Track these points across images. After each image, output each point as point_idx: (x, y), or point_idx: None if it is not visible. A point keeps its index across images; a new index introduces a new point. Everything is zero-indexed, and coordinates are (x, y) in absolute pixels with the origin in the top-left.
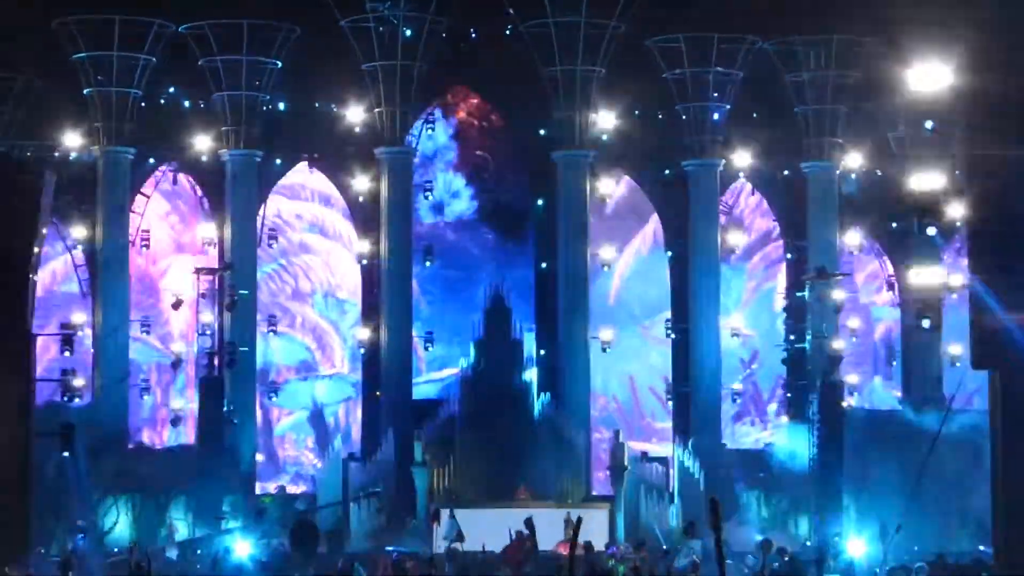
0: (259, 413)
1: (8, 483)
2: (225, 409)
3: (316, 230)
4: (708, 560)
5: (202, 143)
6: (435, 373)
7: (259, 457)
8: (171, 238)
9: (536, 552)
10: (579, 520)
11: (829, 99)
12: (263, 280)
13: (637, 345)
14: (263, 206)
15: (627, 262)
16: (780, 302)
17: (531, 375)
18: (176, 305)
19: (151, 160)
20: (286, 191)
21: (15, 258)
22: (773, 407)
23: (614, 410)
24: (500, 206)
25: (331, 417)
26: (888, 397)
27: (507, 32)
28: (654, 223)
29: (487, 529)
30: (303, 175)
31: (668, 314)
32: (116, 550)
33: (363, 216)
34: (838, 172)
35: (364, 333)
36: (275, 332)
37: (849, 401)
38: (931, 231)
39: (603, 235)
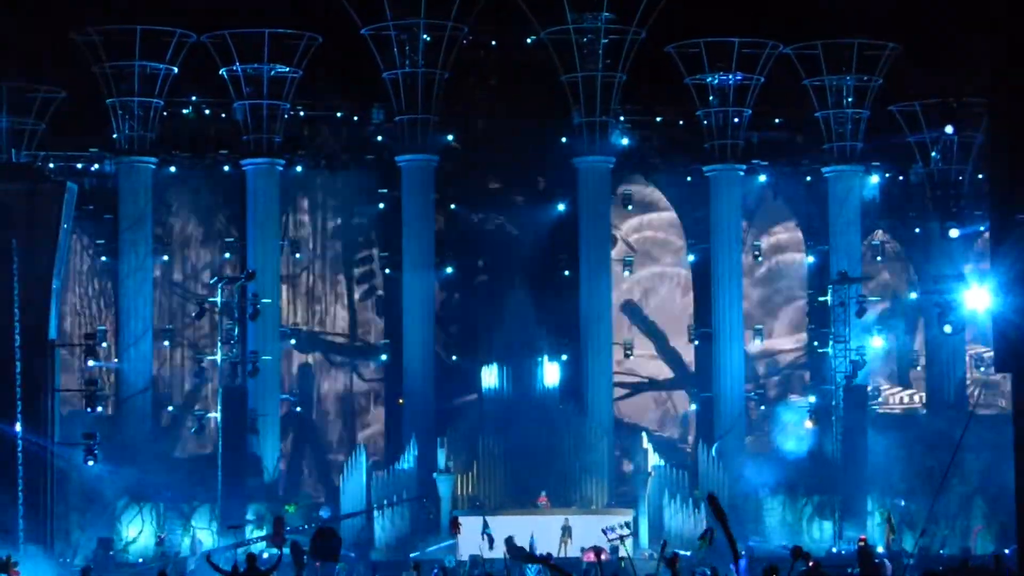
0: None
1: (32, 489)
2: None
3: None
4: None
5: (223, 152)
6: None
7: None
8: None
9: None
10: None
11: (850, 103)
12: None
13: None
14: (286, 214)
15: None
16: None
17: (554, 381)
18: (200, 314)
19: (172, 169)
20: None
21: (38, 267)
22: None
23: None
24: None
25: None
26: None
27: (528, 39)
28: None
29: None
30: None
31: None
32: (140, 560)
33: (384, 224)
34: (859, 176)
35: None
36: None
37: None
38: (954, 233)
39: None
